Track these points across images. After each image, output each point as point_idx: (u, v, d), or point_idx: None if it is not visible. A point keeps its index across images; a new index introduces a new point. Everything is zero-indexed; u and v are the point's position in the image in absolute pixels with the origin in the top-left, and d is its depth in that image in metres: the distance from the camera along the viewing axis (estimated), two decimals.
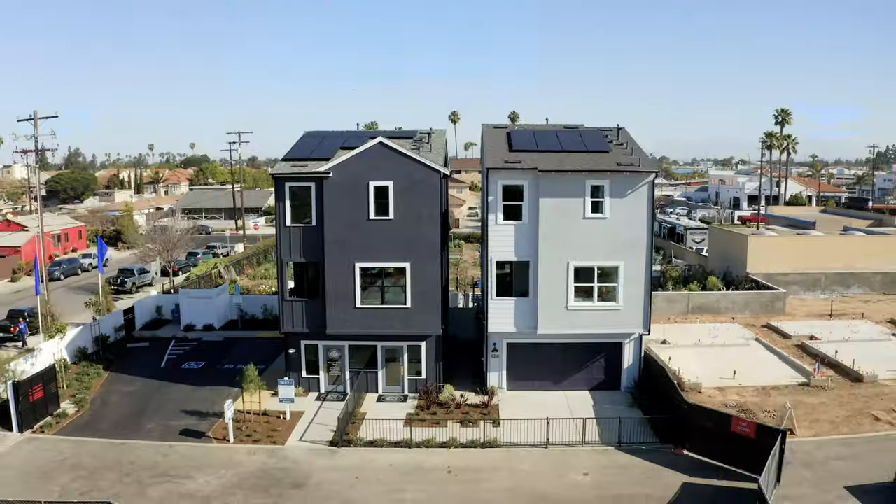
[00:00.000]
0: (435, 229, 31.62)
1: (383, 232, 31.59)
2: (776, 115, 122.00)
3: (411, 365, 33.43)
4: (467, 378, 34.97)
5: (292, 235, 32.12)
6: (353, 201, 31.41)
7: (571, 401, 32.12)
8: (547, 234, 31.24)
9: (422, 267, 31.81)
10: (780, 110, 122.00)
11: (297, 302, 32.82)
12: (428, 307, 32.15)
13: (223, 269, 62.45)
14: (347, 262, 31.80)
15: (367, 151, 31.24)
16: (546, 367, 33.07)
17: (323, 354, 33.54)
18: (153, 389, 34.90)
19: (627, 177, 30.90)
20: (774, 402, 31.19)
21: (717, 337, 41.10)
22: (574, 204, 31.10)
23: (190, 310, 46.49)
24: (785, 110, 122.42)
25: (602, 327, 31.96)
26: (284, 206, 31.87)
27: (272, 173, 31.65)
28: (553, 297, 31.63)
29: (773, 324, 44.34)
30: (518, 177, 31.26)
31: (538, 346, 32.89)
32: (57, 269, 67.82)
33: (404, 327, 32.35)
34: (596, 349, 32.96)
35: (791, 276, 53.57)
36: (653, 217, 31.36)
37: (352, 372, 33.47)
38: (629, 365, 33.07)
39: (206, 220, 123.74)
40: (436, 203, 31.42)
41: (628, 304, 31.72)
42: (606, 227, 31.21)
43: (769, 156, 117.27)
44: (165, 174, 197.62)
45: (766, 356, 38.00)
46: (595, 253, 31.35)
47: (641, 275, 31.50)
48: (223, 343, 43.28)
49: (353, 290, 31.99)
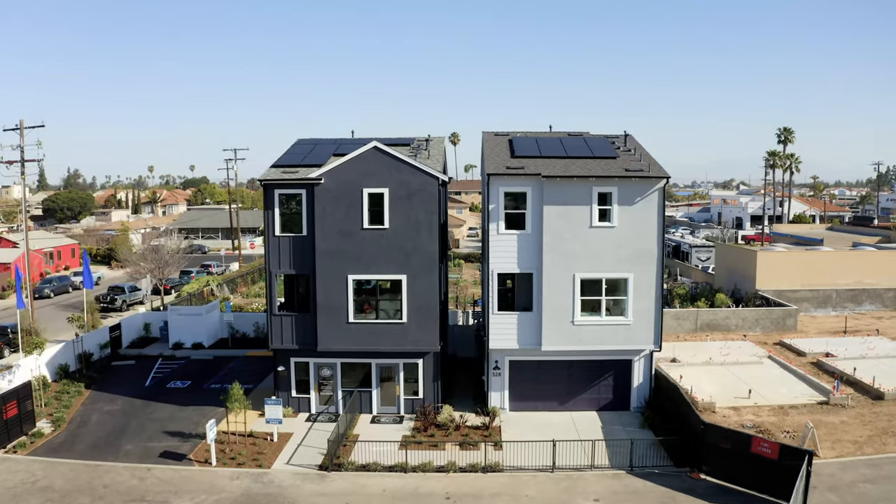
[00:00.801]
0: (433, 240, 29.88)
1: (378, 242, 29.85)
2: (779, 133, 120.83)
3: (408, 384, 31.53)
4: (467, 398, 33.08)
5: (282, 246, 30.37)
6: (346, 210, 29.72)
7: (578, 422, 30.19)
8: (551, 245, 29.50)
9: (419, 280, 30.04)
10: (782, 129, 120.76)
11: (286, 317, 30.98)
12: (425, 322, 30.32)
13: (215, 287, 60.64)
14: (340, 275, 30.03)
15: (361, 157, 29.61)
16: (551, 385, 31.18)
17: (314, 372, 31.65)
18: (135, 409, 33.25)
19: (636, 183, 29.22)
20: (793, 421, 29.57)
21: (729, 355, 39.46)
22: (580, 212, 29.39)
23: (178, 327, 44.71)
24: (787, 129, 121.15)
25: (610, 343, 30.09)
26: (273, 214, 30.16)
27: (260, 179, 29.98)
28: (558, 311, 29.81)
29: (786, 341, 42.73)
30: (521, 183, 29.57)
31: (542, 363, 31.03)
32: (47, 287, 66.97)
33: (400, 344, 30.49)
34: (604, 367, 31.08)
35: (801, 293, 52.09)
36: (664, 226, 29.62)
37: (344, 391, 31.56)
38: (639, 383, 31.17)
39: (203, 239, 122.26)
40: (434, 211, 29.71)
41: (638, 318, 29.89)
42: (614, 236, 29.49)
43: (772, 174, 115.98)
44: (163, 194, 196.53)
45: (781, 374, 36.42)
46: (603, 264, 29.58)
47: (652, 287, 29.72)
48: (212, 361, 41.57)
49: (345, 304, 30.17)
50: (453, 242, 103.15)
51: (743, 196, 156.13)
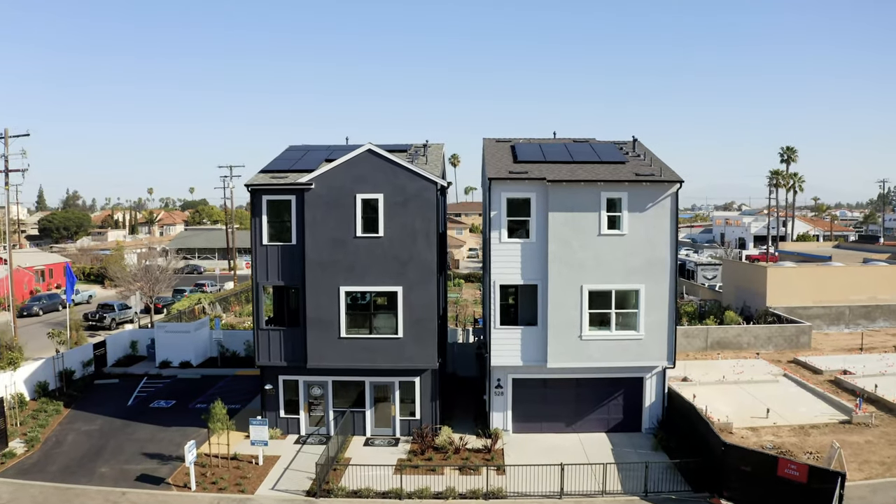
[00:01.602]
0: (430, 249, 28.04)
1: (372, 251, 28.02)
2: (781, 152, 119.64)
3: (404, 404, 29.53)
4: (468, 419, 31.05)
5: (269, 256, 28.53)
6: (337, 217, 27.92)
7: (587, 444, 28.15)
8: (557, 254, 27.65)
9: (416, 291, 28.14)
10: (785, 148, 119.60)
11: (274, 331, 29.03)
12: (423, 337, 28.38)
13: (207, 305, 58.70)
14: (331, 286, 28.15)
15: (354, 160, 27.86)
16: (557, 405, 29.19)
17: (303, 391, 29.64)
18: (115, 429, 31.36)
19: (647, 188, 27.44)
20: (815, 441, 27.67)
21: (743, 373, 37.55)
22: (588, 219, 27.58)
23: (166, 345, 42.85)
24: (790, 148, 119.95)
25: (621, 360, 28.13)
26: (261, 222, 28.35)
27: (247, 184, 28.18)
28: (565, 325, 27.90)
29: (801, 359, 40.88)
30: (524, 188, 27.80)
31: (548, 382, 29.06)
32: (36, 304, 65.80)
33: (396, 360, 28.53)
34: (613, 385, 29.10)
35: (813, 310, 50.28)
36: (677, 234, 27.80)
37: (336, 412, 29.52)
38: (651, 402, 29.16)
39: (200, 259, 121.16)
40: (431, 219, 27.91)
41: (650, 332, 27.96)
42: (625, 245, 27.65)
43: (775, 193, 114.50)
44: (160, 215, 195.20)
45: (798, 393, 34.50)
46: (612, 275, 27.71)
47: (665, 299, 27.84)
48: (199, 380, 39.66)
49: (337, 317, 28.26)
50: (453, 263, 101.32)
51: (746, 216, 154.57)
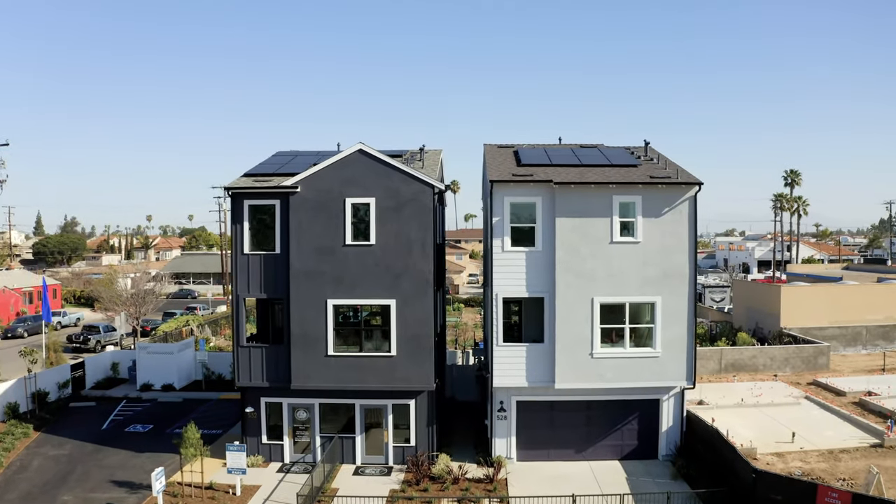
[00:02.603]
0: (426, 258, 25.70)
1: (363, 261, 25.68)
2: (785, 175, 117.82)
3: (397, 430, 26.95)
4: (468, 446, 28.49)
5: (251, 266, 26.18)
6: (325, 223, 25.63)
7: (599, 473, 25.55)
8: (566, 264, 25.31)
9: (411, 305, 25.74)
10: (789, 171, 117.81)
11: (255, 349, 26.58)
12: (418, 356, 25.91)
13: (196, 328, 56.19)
14: (318, 299, 25.76)
15: (344, 161, 25.63)
16: (566, 430, 26.64)
17: (288, 415, 27.09)
18: (85, 454, 29.04)
19: (663, 191, 25.18)
20: (847, 467, 25.23)
21: (762, 396, 35.16)
22: (599, 225, 25.29)
23: (147, 367, 40.42)
24: (794, 171, 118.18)
25: (636, 380, 25.63)
26: (242, 228, 26.05)
27: (227, 187, 25.91)
28: (574, 342, 25.46)
29: (822, 380, 38.55)
30: (529, 192, 25.53)
31: (555, 404, 26.56)
32: (21, 326, 64.00)
33: (388, 381, 26.02)
34: (627, 408, 26.58)
35: (829, 331, 47.96)
36: (696, 241, 25.48)
37: (323, 437, 26.94)
38: (669, 427, 26.62)
39: (194, 284, 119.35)
40: (428, 225, 25.60)
41: (668, 350, 25.51)
42: (639, 253, 25.33)
43: (780, 217, 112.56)
44: (157, 240, 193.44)
45: (822, 416, 32.08)
46: (626, 286, 25.34)
47: (684, 313, 25.43)
48: (180, 404, 37.28)
49: (324, 333, 25.83)
50: (453, 288, 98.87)
51: (749, 241, 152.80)
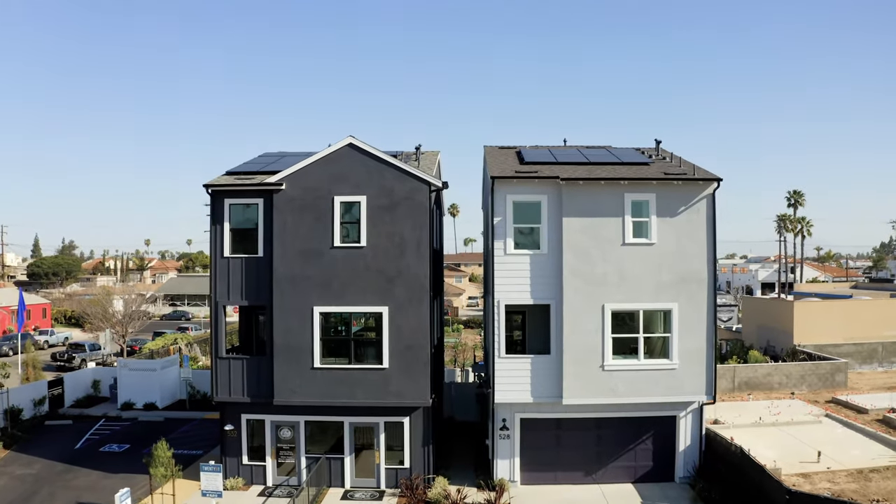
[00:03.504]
0: (422, 262, 23.62)
1: (353, 265, 23.60)
2: (788, 196, 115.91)
3: (390, 451, 24.69)
4: (467, 468, 26.25)
5: (232, 270, 24.10)
6: (312, 223, 23.59)
7: (610, 497, 23.25)
8: (574, 268, 23.23)
9: (405, 313, 23.62)
10: (792, 192, 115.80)
11: (235, 360, 24.39)
12: (413, 369, 23.73)
13: (184, 346, 53.98)
14: (303, 306, 23.64)
15: (333, 156, 23.66)
16: (574, 451, 24.38)
17: (271, 433, 24.82)
18: (54, 475, 27.04)
19: (679, 188, 23.18)
20: (879, 487, 23.14)
21: (780, 414, 33.06)
22: (609, 226, 23.24)
23: (129, 384, 38.29)
24: (798, 192, 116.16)
25: (651, 394, 23.40)
26: (222, 230, 24.01)
27: (207, 185, 23.89)
28: (583, 353, 23.29)
29: (841, 398, 36.44)
30: (534, 190, 23.51)
31: (563, 422, 24.32)
32: (6, 344, 62.48)
33: (380, 396, 23.80)
34: (641, 426, 24.33)
35: (844, 348, 45.91)
36: (715, 243, 23.42)
37: (309, 458, 24.64)
38: (687, 446, 24.36)
39: (189, 306, 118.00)
40: (424, 225, 23.56)
41: (685, 361, 23.33)
42: (654, 256, 23.25)
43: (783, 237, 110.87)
44: (153, 262, 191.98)
45: (846, 434, 29.98)
46: (639, 292, 23.22)
47: (703, 322, 23.30)
48: (162, 424, 35.12)
49: (310, 344, 23.66)
50: (452, 311, 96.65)
51: (752, 263, 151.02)
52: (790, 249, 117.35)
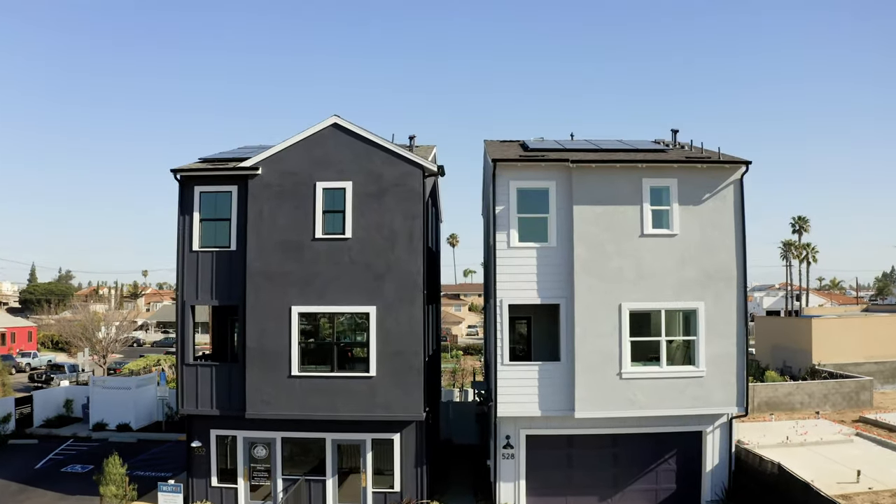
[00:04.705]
0: (414, 255, 20.99)
1: (336, 259, 20.97)
2: (793, 223, 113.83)
3: (379, 472, 21.80)
4: (465, 492, 23.48)
5: (201, 265, 21.45)
6: (291, 212, 21.02)
7: None
8: (586, 262, 20.60)
9: (395, 314, 20.91)
10: (796, 218, 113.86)
11: (204, 367, 21.64)
12: (403, 377, 20.93)
13: (167, 367, 51.23)
14: (280, 306, 20.95)
15: (315, 137, 21.17)
16: (587, 471, 21.51)
17: (243, 451, 21.91)
18: (7, 495, 24.95)
19: (703, 173, 20.66)
20: None
21: (807, 434, 30.48)
22: (626, 215, 20.67)
23: (102, 403, 35.74)
24: (802, 218, 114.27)
25: (675, 406, 20.55)
26: (191, 220, 21.44)
27: (174, 169, 21.35)
28: (598, 359, 20.53)
29: (870, 416, 34.18)
30: (541, 176, 20.97)
31: (575, 439, 21.49)
32: None
33: (367, 409, 20.95)
34: (663, 442, 21.46)
35: (865, 366, 43.55)
36: (745, 235, 20.83)
37: (287, 480, 21.74)
38: (715, 465, 21.49)
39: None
40: (417, 214, 20.96)
41: (714, 368, 20.58)
42: (676, 249, 20.64)
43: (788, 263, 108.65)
44: (149, 290, 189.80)
45: (882, 453, 27.47)
46: (660, 289, 20.55)
47: (732, 323, 20.62)
48: (133, 445, 32.69)
49: (287, 348, 20.91)
50: (451, 338, 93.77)
51: (757, 291, 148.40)
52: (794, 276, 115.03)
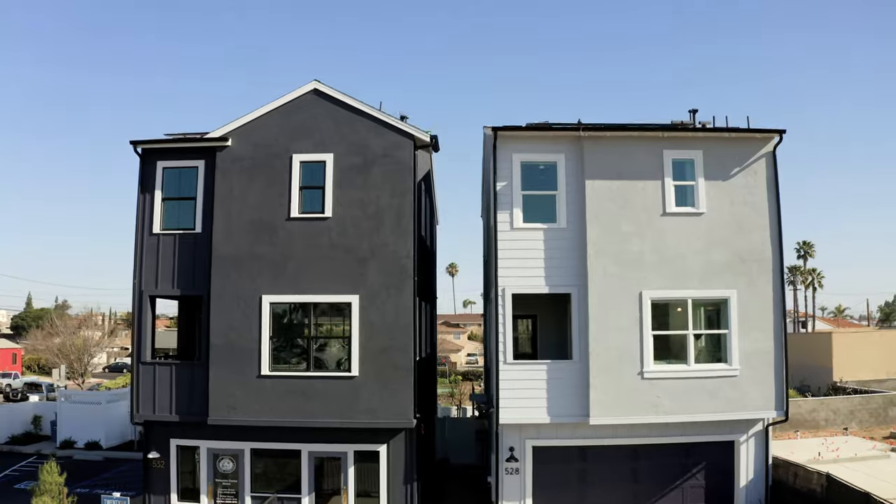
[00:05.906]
0: (404, 237, 18.42)
1: (314, 241, 18.44)
2: (798, 248, 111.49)
3: (362, 491, 19.01)
4: None
5: (162, 250, 18.91)
6: (264, 189, 18.56)
7: None
8: (601, 244, 18.03)
9: (380, 303, 18.29)
10: (801, 243, 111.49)
11: (162, 367, 18.98)
12: (390, 377, 18.21)
13: None
14: (249, 295, 18.37)
15: (293, 104, 18.81)
16: (603, 489, 18.72)
17: (207, 464, 19.16)
18: None
19: (732, 143, 18.22)
20: None
21: (839, 450, 28.06)
22: (645, 191, 18.17)
23: (71, 420, 33.29)
24: (807, 243, 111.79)
25: (705, 410, 17.80)
26: (152, 199, 18.95)
27: (135, 142, 18.90)
28: (616, 356, 17.85)
29: None
30: (548, 147, 18.51)
31: (589, 451, 18.75)
32: None
33: (348, 414, 18.18)
34: (691, 454, 18.71)
35: (889, 383, 41.53)
36: (779, 213, 18.31)
37: (256, 498, 18.94)
38: (749, 480, 18.72)
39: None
40: (406, 192, 18.45)
41: (748, 366, 17.90)
42: (702, 229, 18.11)
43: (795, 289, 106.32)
44: None
45: None
46: (686, 275, 17.96)
47: (769, 314, 17.99)
48: (99, 463, 30.26)
49: (257, 344, 18.28)
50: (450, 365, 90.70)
51: None
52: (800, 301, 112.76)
